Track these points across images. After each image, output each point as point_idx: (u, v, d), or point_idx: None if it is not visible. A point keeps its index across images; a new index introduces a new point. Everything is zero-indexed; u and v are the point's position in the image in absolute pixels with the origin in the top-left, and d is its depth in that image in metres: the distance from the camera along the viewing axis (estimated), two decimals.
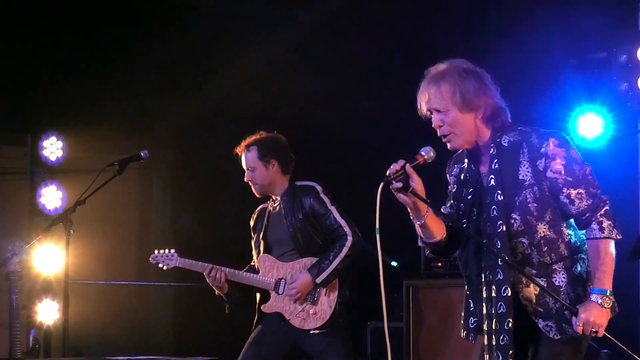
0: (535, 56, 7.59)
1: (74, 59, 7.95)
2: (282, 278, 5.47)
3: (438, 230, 3.77)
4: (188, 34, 8.12)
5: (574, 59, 7.65)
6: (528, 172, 3.68)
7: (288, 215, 5.47)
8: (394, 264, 8.85)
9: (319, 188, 5.52)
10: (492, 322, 3.70)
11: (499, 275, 3.67)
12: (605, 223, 3.64)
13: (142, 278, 8.70)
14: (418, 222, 3.71)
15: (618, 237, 3.66)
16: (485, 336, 3.75)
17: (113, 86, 8.06)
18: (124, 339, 8.58)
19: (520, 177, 3.68)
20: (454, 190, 3.90)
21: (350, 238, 5.38)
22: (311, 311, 5.35)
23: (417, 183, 3.57)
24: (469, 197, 3.79)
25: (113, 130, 8.11)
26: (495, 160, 3.72)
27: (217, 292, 5.56)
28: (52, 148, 8.34)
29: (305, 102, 7.92)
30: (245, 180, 5.57)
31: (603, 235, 3.64)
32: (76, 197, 5.61)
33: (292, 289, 5.38)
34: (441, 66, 3.75)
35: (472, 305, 3.88)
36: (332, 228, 5.42)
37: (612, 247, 3.66)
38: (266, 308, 5.49)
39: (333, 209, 5.44)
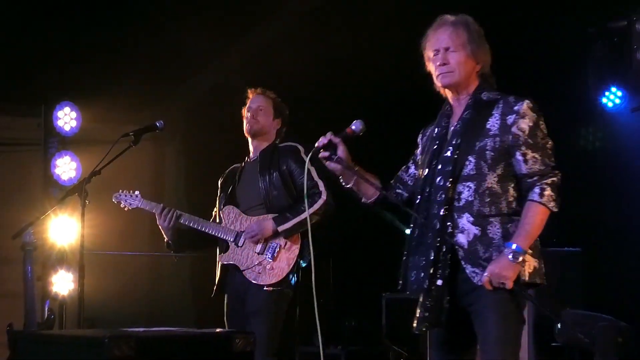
0: (553, 25, 7.51)
1: (88, 30, 7.91)
2: (244, 231, 5.40)
3: (370, 194, 4.09)
4: (202, 4, 8.06)
5: (592, 27, 7.56)
6: (496, 123, 3.85)
7: (263, 169, 5.42)
8: (408, 231, 8.80)
9: (300, 148, 5.48)
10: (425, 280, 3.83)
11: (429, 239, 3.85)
12: (547, 191, 3.77)
13: (157, 249, 8.69)
14: (348, 185, 4.06)
15: (554, 209, 3.78)
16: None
17: (127, 56, 8.02)
18: (139, 310, 8.59)
19: (487, 126, 3.85)
20: (422, 145, 4.12)
21: (324, 197, 5.32)
22: (268, 266, 5.28)
23: (342, 152, 3.91)
24: (434, 147, 3.97)
25: (127, 100, 8.07)
26: (469, 111, 3.92)
27: (165, 238, 5.54)
28: (66, 119, 8.32)
29: (326, 69, 7.87)
30: (248, 113, 5.54)
31: (540, 200, 3.76)
32: (90, 168, 5.58)
33: (252, 231, 5.32)
34: (461, 16, 3.99)
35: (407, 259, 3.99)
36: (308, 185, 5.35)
37: (543, 214, 3.77)
38: (223, 258, 5.44)
39: (312, 169, 5.36)
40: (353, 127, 3.95)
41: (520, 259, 3.71)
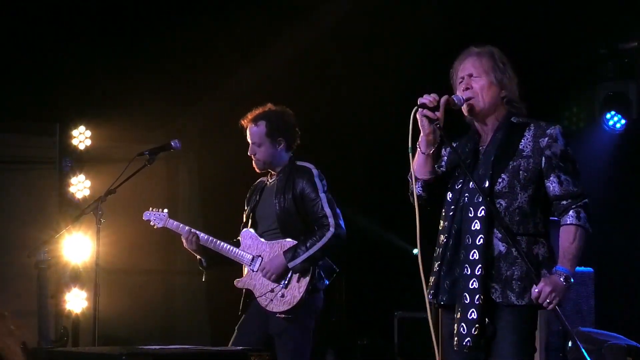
0: (564, 46, 7.54)
1: (102, 49, 7.97)
2: (259, 255, 5.40)
3: (424, 172, 4.05)
4: (216, 23, 8.12)
5: (603, 48, 7.60)
6: (529, 145, 3.94)
7: (279, 193, 5.38)
8: (415, 251, 8.84)
9: (315, 172, 5.41)
10: (463, 296, 3.86)
11: (474, 255, 3.86)
12: (582, 214, 3.89)
13: (170, 267, 8.72)
14: (425, 152, 3.99)
15: (590, 231, 3.89)
16: (457, 307, 3.90)
17: (141, 76, 8.07)
18: (153, 327, 8.62)
19: (520, 147, 3.95)
20: (448, 157, 4.16)
21: (332, 230, 5.26)
22: (279, 294, 5.28)
23: (441, 115, 3.93)
24: (468, 160, 4.02)
25: (141, 119, 8.13)
26: (500, 132, 4.00)
27: (197, 256, 5.57)
28: (81, 137, 8.38)
29: (337, 89, 7.90)
30: (248, 154, 5.48)
31: (579, 223, 3.87)
32: (104, 187, 5.63)
33: (264, 268, 5.33)
34: (487, 46, 4.10)
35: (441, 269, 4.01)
36: (317, 215, 5.31)
37: (584, 236, 3.89)
38: (238, 283, 5.45)
39: (323, 196, 5.33)
40: (455, 100, 3.97)
41: (568, 283, 3.82)
